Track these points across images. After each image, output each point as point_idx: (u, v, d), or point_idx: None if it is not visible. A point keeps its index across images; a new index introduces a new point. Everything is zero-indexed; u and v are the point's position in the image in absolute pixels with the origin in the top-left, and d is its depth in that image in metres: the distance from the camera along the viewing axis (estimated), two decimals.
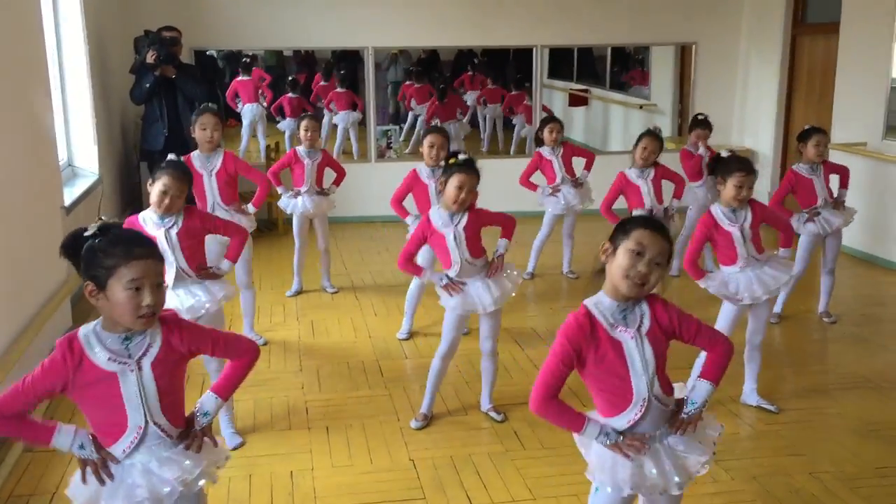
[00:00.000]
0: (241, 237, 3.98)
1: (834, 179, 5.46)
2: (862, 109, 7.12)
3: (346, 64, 9.52)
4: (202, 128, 4.86)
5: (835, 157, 7.21)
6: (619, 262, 2.29)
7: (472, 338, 4.86)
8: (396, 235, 5.40)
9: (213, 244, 4.34)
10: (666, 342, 2.36)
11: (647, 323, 2.32)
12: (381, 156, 8.87)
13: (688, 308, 2.45)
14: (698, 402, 2.39)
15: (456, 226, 3.90)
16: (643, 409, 2.32)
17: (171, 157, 3.84)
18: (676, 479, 2.31)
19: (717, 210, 4.09)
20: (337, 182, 6.08)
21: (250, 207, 5.03)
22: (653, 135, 5.62)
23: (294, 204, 5.95)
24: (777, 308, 5.57)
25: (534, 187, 6.41)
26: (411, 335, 5.35)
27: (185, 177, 3.72)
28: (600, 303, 2.35)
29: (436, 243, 3.96)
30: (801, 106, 8.21)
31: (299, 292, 6.28)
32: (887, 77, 6.88)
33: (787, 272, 4.10)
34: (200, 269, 3.78)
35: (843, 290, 6.25)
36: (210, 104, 5.02)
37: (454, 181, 3.82)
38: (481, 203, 4.05)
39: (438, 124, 9.09)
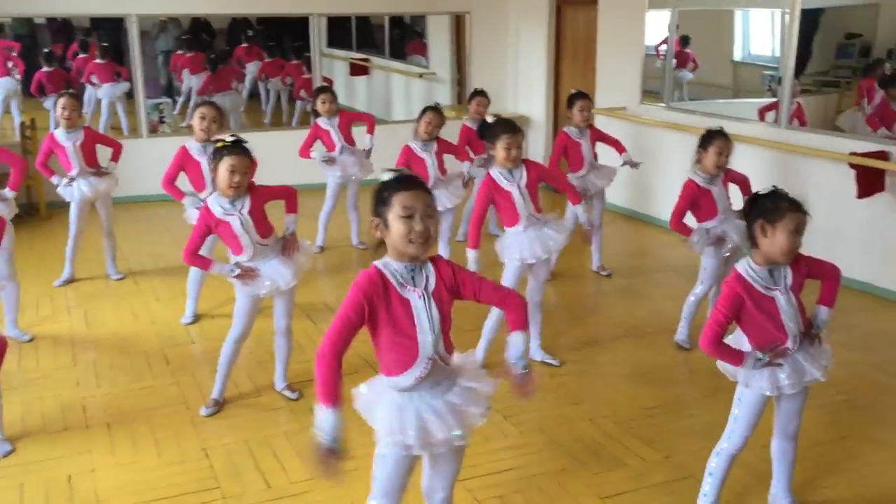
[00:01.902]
0: None
1: (600, 147, 5.84)
2: (621, 76, 7.65)
3: (108, 33, 8.86)
4: None
5: (599, 121, 7.70)
6: (395, 231, 2.31)
7: (262, 316, 4.72)
8: (176, 214, 5.14)
9: None
10: (450, 302, 2.42)
11: (432, 282, 2.38)
12: (153, 131, 8.37)
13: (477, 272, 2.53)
14: (520, 352, 2.47)
15: (240, 211, 3.75)
16: (428, 368, 2.38)
17: None
18: (457, 431, 2.38)
19: (496, 172, 4.22)
20: (114, 157, 5.64)
21: (8, 192, 4.57)
22: (436, 110, 5.74)
23: (71, 191, 5.49)
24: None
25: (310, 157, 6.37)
26: (197, 318, 5.12)
27: None
28: (388, 264, 2.38)
29: (223, 232, 3.79)
30: (568, 73, 8.68)
31: (69, 281, 5.82)
32: (642, 45, 7.42)
33: (564, 233, 4.34)
34: None
35: (614, 245, 6.73)
36: None
37: (225, 165, 3.66)
38: (267, 177, 3.93)
39: (210, 96, 8.75)
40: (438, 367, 2.40)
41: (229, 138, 3.73)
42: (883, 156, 5.30)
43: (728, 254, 4.48)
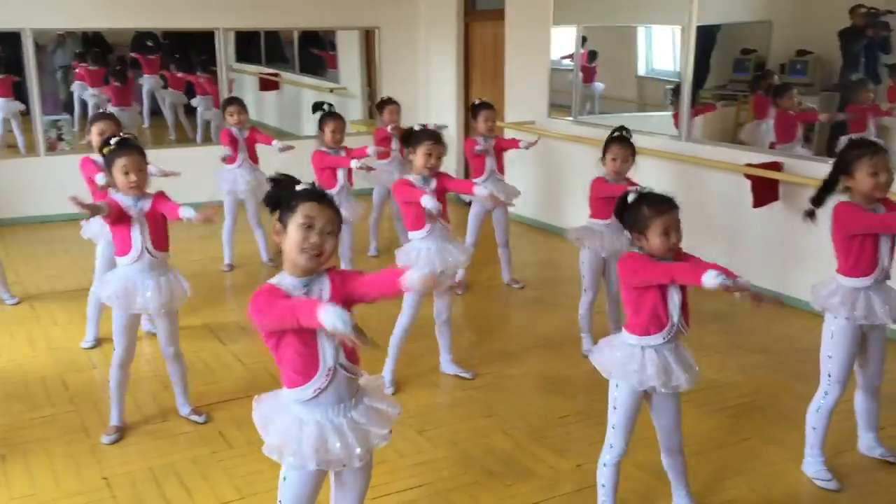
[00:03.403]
0: None
1: (507, 154, 5.94)
2: (529, 90, 7.78)
3: (3, 46, 8.50)
4: None
5: (508, 135, 7.80)
6: (291, 238, 2.32)
7: None
8: (75, 235, 4.94)
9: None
10: (348, 311, 2.38)
11: (326, 294, 2.37)
12: (51, 148, 8.06)
13: None
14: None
15: (140, 210, 3.64)
16: (329, 378, 2.35)
17: None
18: (358, 450, 2.36)
19: (411, 177, 4.26)
20: None
21: None
22: (336, 115, 5.70)
23: None
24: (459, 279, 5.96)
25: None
26: (98, 342, 4.93)
27: None
28: (282, 280, 2.37)
29: (121, 225, 3.64)
30: (478, 88, 8.77)
31: None
32: (548, 60, 7.57)
33: (465, 253, 4.35)
34: None
35: (524, 257, 6.81)
36: None
37: (118, 168, 3.59)
38: (176, 195, 3.82)
39: (107, 110, 8.47)
40: (341, 380, 2.37)
41: (113, 140, 3.62)
42: (776, 167, 5.53)
43: (605, 255, 4.59)
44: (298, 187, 2.38)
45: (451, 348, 4.56)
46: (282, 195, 2.38)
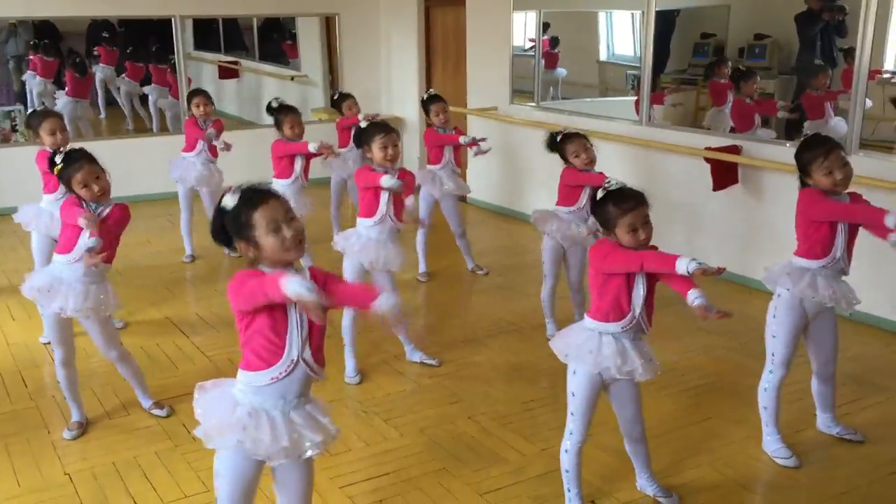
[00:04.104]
0: None
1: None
2: (491, 77, 7.77)
3: None
4: None
5: (471, 121, 7.82)
6: (270, 246, 2.30)
7: (125, 333, 4.56)
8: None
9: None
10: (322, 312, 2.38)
11: None
12: (5, 140, 7.90)
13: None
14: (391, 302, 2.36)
15: (99, 214, 3.55)
16: (289, 369, 2.35)
17: None
18: (284, 444, 2.34)
19: (379, 169, 4.20)
20: None
21: None
22: (291, 109, 5.61)
23: None
24: (422, 268, 5.96)
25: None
26: None
27: None
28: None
29: (70, 223, 3.57)
30: (440, 75, 8.74)
31: None
32: (509, 46, 7.57)
33: (396, 263, 4.21)
34: None
35: (487, 243, 6.83)
36: None
37: (76, 183, 3.49)
38: (135, 186, 3.75)
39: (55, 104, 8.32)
40: (298, 376, 2.37)
41: (58, 158, 3.54)
42: (735, 150, 5.60)
43: (565, 245, 4.61)
44: (231, 201, 2.32)
45: (410, 337, 4.55)
46: (231, 222, 2.33)
